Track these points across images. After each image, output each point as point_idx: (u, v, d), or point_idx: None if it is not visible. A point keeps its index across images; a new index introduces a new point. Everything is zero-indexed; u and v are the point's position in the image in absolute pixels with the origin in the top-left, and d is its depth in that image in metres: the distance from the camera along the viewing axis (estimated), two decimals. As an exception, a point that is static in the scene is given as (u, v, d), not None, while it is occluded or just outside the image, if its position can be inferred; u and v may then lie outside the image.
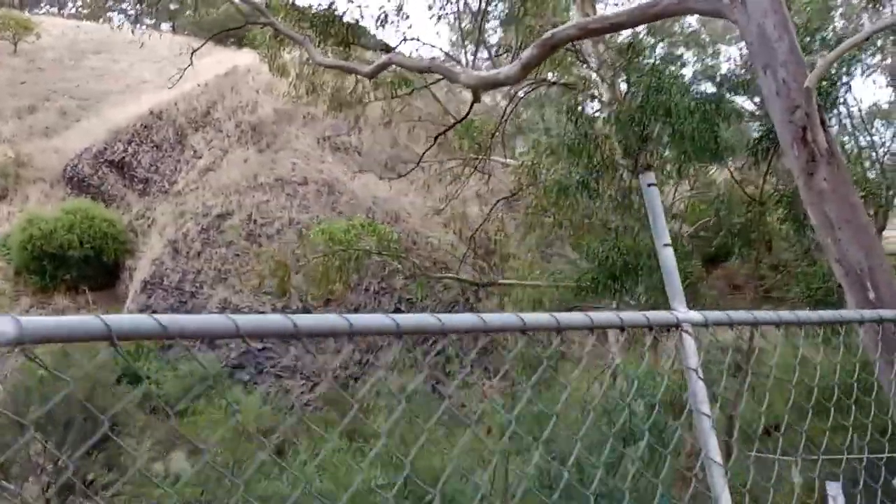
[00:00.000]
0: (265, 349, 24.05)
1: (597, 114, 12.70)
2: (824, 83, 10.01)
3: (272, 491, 8.21)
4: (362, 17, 15.70)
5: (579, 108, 12.31)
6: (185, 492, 17.34)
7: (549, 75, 18.04)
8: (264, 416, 21.49)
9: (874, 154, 18.03)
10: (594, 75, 14.08)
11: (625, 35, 13.77)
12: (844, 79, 12.15)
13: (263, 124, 27.32)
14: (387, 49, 15.63)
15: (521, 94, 25.69)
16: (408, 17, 15.69)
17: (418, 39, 16.98)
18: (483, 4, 14.69)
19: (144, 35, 44.18)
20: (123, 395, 18.47)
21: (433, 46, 17.79)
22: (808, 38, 10.05)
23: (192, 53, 19.83)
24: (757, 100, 12.29)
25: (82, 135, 31.17)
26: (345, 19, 15.35)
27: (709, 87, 12.49)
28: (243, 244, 24.66)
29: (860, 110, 20.34)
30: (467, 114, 15.99)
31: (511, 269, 20.93)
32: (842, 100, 12.74)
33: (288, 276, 18.86)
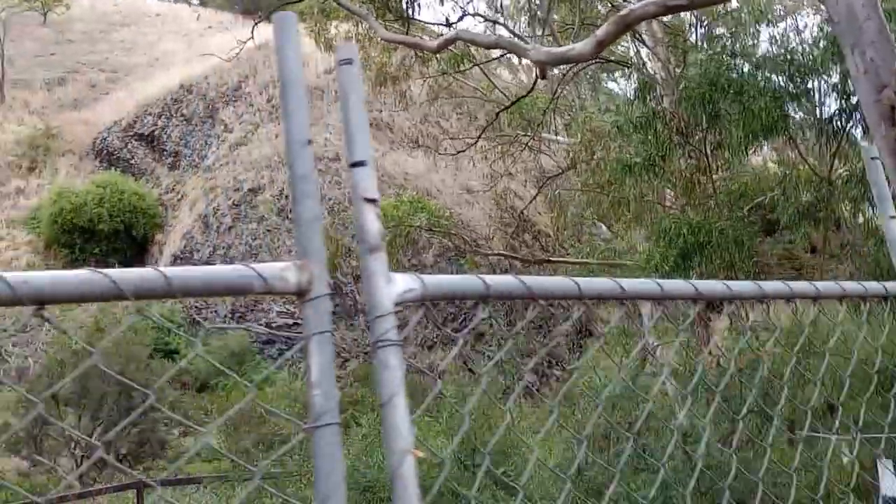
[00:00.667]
0: (295, 325, 23.96)
1: (659, 92, 12.34)
2: None
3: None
4: None
5: (646, 84, 11.96)
6: (218, 467, 17.33)
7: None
8: (294, 393, 21.39)
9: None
10: (646, 52, 13.72)
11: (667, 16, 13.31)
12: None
13: (295, 99, 27.05)
14: (447, 24, 15.25)
15: (556, 71, 25.20)
16: None
17: (481, 15, 16.26)
18: None
19: (172, 7, 43.99)
20: (156, 369, 18.46)
21: (495, 23, 17.25)
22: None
23: (253, 26, 19.68)
24: (798, 81, 11.93)
25: (112, 107, 31.07)
26: None
27: (744, 67, 12.18)
28: (275, 220, 24.51)
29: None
30: (531, 89, 15.62)
31: (557, 248, 20.67)
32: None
33: (340, 253, 18.85)
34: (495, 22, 16.04)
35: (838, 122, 10.61)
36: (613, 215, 14.50)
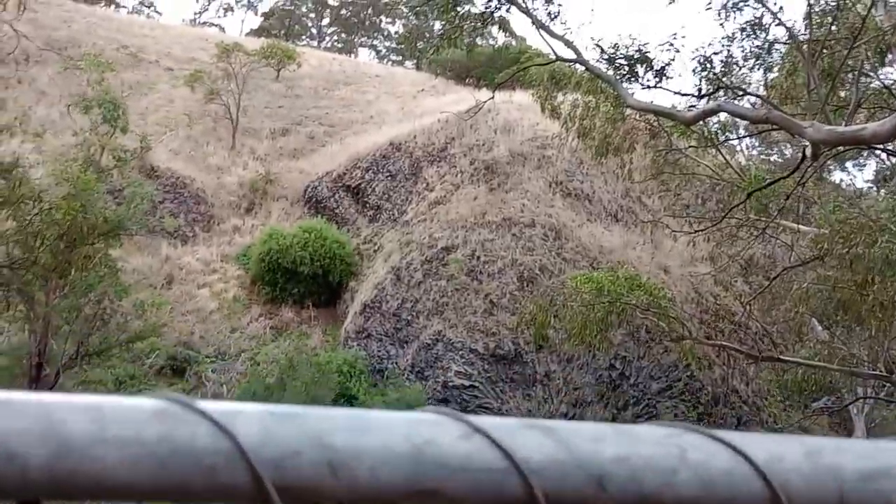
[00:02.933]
0: (471, 387, 23.75)
1: None
2: None
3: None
4: (674, 59, 14.42)
5: None
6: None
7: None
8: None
9: None
10: None
11: None
12: None
13: (497, 164, 27.37)
14: (698, 96, 14.51)
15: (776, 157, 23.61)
16: (736, 63, 14.03)
17: (741, 89, 15.25)
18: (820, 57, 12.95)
19: (390, 70, 46.51)
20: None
21: (758, 97, 16.16)
22: None
23: (494, 89, 20.32)
24: None
25: (325, 159, 32.98)
26: (654, 61, 14.54)
27: None
28: (464, 279, 24.63)
29: None
30: (793, 171, 14.36)
31: (766, 342, 19.16)
32: None
33: (548, 322, 18.62)
34: (758, 96, 14.90)
35: None
36: (855, 316, 13.02)
